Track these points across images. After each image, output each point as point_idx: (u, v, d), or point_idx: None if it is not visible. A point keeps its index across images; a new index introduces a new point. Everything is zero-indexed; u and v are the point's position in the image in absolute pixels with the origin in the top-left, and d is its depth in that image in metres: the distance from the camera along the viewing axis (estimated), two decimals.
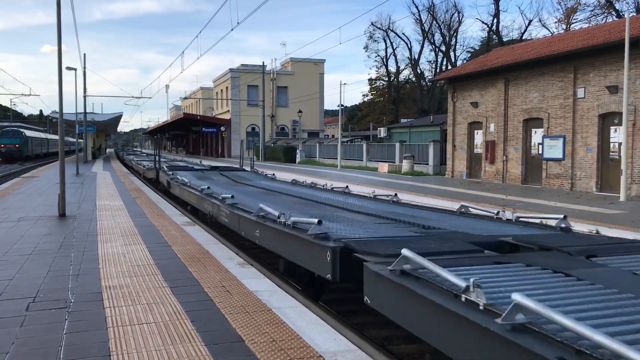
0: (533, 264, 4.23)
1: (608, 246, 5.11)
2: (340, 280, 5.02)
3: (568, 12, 45.86)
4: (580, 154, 19.36)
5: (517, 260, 4.42)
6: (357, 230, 6.10)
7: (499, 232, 5.95)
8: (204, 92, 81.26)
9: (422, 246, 4.78)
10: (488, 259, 4.53)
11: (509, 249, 5.30)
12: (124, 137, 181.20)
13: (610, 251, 4.82)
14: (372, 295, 4.26)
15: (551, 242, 5.17)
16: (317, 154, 44.32)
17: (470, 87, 25.44)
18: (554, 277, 3.88)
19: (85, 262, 6.94)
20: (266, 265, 8.44)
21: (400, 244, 4.75)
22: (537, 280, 3.78)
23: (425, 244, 5.03)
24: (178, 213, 12.18)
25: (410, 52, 65.97)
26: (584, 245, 5.03)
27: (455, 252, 4.66)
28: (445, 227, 6.45)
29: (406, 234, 5.91)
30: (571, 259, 4.52)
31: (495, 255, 4.74)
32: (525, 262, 4.31)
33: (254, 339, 4.16)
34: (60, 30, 11.86)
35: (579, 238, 5.75)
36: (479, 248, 4.90)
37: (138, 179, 23.85)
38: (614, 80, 17.92)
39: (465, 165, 25.88)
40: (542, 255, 4.70)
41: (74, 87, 34.21)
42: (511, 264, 4.29)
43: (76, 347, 4.03)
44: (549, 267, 4.12)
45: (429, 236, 5.70)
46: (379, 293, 4.15)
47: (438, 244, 5.04)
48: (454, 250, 4.74)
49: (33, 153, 54.34)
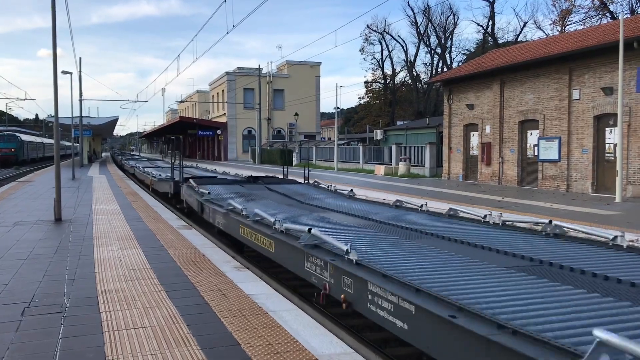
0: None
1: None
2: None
3: (563, 14, 46.02)
4: (575, 156, 19.42)
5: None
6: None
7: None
8: (200, 95, 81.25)
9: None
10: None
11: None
12: (120, 141, 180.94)
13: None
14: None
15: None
16: (313, 157, 44.34)
17: (466, 89, 25.50)
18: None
19: (81, 266, 6.92)
20: (262, 268, 8.43)
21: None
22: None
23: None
24: (174, 217, 12.16)
25: (406, 54, 66.19)
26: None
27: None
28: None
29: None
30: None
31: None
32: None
33: (250, 343, 4.15)
34: (55, 34, 11.84)
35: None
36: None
37: (134, 183, 23.79)
38: (609, 82, 17.98)
39: (461, 167, 25.92)
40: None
41: (70, 91, 34.08)
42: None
43: (72, 351, 4.02)
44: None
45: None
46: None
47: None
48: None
49: (29, 157, 54.22)
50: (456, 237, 6.21)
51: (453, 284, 4.13)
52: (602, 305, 3.51)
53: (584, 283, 4.18)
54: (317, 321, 4.88)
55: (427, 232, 6.72)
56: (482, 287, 4.04)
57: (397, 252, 5.44)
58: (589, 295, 3.79)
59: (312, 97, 61.31)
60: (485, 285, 4.10)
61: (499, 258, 5.17)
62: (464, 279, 4.31)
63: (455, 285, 4.07)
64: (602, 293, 3.84)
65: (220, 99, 63.81)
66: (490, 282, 4.20)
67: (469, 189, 20.73)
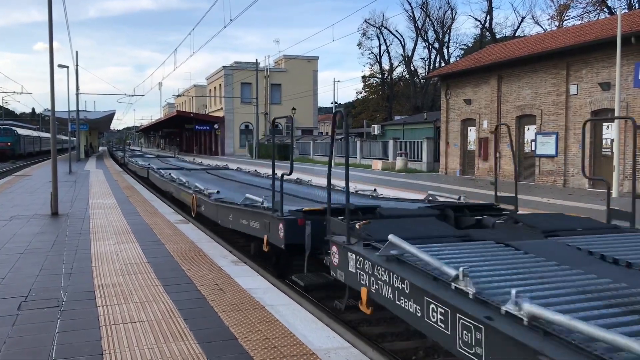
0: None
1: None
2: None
3: (560, 9, 45.95)
4: (572, 151, 19.44)
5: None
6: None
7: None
8: (197, 89, 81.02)
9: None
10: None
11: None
12: (116, 135, 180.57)
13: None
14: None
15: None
16: (311, 152, 44.31)
17: (464, 84, 25.48)
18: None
19: (78, 260, 6.91)
20: (260, 263, 8.42)
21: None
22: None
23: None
24: (171, 211, 12.15)
25: (403, 49, 65.98)
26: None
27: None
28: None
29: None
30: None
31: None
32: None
33: (247, 337, 4.16)
34: (51, 28, 11.79)
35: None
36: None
37: (131, 177, 23.74)
38: (606, 77, 17.99)
39: (458, 162, 25.94)
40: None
41: (67, 85, 33.98)
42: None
43: (68, 345, 4.02)
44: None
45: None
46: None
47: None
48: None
49: (25, 151, 54.06)
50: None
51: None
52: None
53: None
54: (315, 316, 4.88)
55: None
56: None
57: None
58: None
59: (310, 91, 61.22)
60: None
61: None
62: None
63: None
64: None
65: (218, 94, 63.67)
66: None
67: (466, 183, 20.75)
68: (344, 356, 3.81)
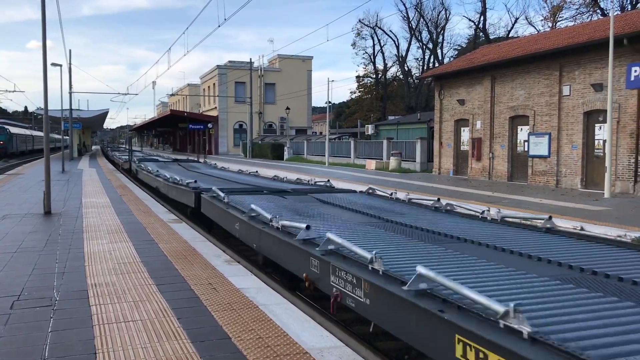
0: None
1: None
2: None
3: (554, 10, 46.18)
4: (565, 151, 19.54)
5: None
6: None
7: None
8: (191, 88, 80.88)
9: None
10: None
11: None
12: (110, 134, 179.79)
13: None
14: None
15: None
16: (304, 151, 44.31)
17: (457, 84, 25.55)
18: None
19: (71, 259, 6.90)
20: (253, 262, 8.43)
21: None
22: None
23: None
24: (164, 210, 12.13)
25: (397, 49, 66.11)
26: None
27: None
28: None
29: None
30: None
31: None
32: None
33: (240, 336, 4.16)
34: (45, 26, 11.74)
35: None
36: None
37: (124, 176, 23.68)
38: (599, 78, 18.09)
39: (452, 162, 26.01)
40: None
41: (60, 83, 33.81)
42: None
43: (61, 345, 4.01)
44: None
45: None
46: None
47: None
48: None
49: (18, 150, 53.80)
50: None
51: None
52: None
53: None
54: (308, 315, 4.90)
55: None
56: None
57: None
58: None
59: (304, 91, 61.25)
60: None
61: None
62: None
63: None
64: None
65: (212, 93, 63.59)
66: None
67: (460, 184, 20.81)
68: (337, 355, 3.83)
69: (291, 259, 5.77)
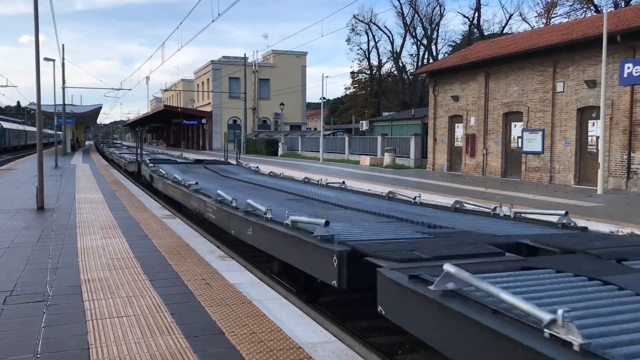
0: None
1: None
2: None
3: (548, 6, 46.27)
4: (559, 148, 19.61)
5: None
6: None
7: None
8: (185, 84, 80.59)
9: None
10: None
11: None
12: (103, 129, 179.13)
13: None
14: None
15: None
16: (299, 147, 44.28)
17: (451, 80, 25.59)
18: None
19: (64, 255, 6.88)
20: (247, 258, 8.43)
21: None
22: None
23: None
24: (158, 206, 12.11)
25: (392, 45, 66.08)
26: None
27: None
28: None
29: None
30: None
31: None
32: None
33: (234, 331, 4.17)
34: (37, 20, 11.66)
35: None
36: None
37: (119, 172, 23.59)
38: (592, 75, 18.15)
39: (446, 158, 26.06)
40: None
41: (53, 78, 33.58)
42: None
43: (54, 340, 4.00)
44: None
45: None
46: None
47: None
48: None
49: (10, 145, 53.51)
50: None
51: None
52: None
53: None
54: (301, 310, 4.91)
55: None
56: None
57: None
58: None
59: (298, 87, 61.13)
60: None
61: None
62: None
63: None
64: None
65: (206, 88, 63.39)
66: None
67: (454, 180, 20.86)
68: (330, 350, 3.84)
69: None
